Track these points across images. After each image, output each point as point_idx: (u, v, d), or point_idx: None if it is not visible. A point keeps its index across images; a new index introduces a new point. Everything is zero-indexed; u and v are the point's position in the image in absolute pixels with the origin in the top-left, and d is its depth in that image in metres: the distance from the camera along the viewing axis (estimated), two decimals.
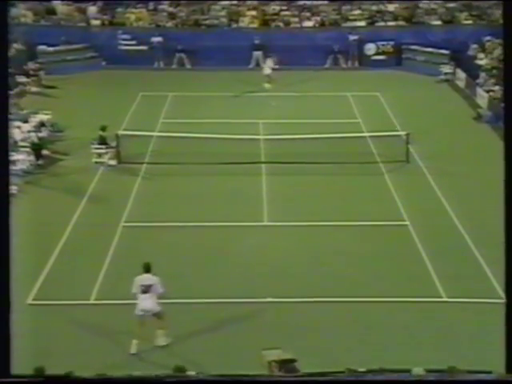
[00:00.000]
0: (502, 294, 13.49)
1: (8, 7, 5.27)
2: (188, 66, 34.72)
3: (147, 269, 13.11)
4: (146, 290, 12.89)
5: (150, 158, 22.76)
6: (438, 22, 35.56)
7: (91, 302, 14.76)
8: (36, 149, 22.26)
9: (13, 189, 18.11)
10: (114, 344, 13.25)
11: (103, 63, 34.48)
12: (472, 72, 30.61)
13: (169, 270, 15.94)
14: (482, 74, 29.49)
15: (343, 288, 15.21)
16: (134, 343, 12.96)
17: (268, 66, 30.97)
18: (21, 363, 6.32)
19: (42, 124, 24.38)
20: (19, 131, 22.93)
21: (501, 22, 5.58)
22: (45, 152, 22.56)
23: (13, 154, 20.38)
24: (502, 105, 5.60)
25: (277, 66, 31.09)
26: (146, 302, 12.87)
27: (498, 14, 33.39)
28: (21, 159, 21.34)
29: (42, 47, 33.57)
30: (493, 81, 28.15)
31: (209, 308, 14.49)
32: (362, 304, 14.66)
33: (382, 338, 13.54)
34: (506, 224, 5.43)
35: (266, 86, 30.50)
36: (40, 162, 22.13)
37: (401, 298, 14.85)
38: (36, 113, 25.29)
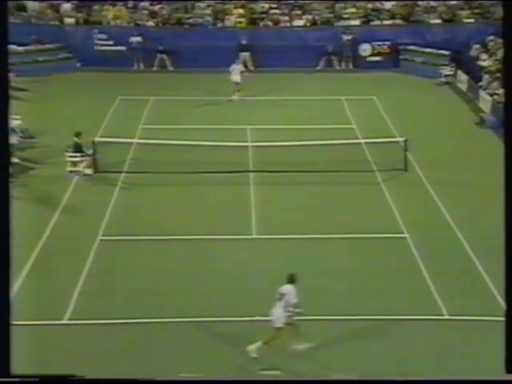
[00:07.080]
0: None
1: (7, 7, 5.31)
2: (170, 68, 34.78)
3: (291, 280, 13.54)
4: (280, 298, 13.46)
5: (129, 166, 22.74)
6: (438, 21, 35.82)
7: (64, 322, 14.68)
8: None
9: None
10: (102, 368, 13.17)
11: (78, 64, 34.51)
12: (474, 74, 30.83)
13: (149, 287, 15.94)
14: (485, 76, 29.69)
15: (336, 306, 15.22)
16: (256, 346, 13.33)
17: (238, 70, 29.69)
18: None
19: (11, 130, 24.34)
20: None
21: None
22: (14, 160, 22.50)
23: None
24: None
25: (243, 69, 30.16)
26: (275, 310, 13.44)
27: (501, 11, 33.64)
28: None
29: (11, 47, 33.36)
30: (497, 83, 28.35)
31: (193, 326, 14.44)
32: (357, 322, 14.67)
33: (379, 358, 13.54)
34: (506, 227, 5.50)
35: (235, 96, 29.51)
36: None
37: (399, 315, 14.87)
38: None
